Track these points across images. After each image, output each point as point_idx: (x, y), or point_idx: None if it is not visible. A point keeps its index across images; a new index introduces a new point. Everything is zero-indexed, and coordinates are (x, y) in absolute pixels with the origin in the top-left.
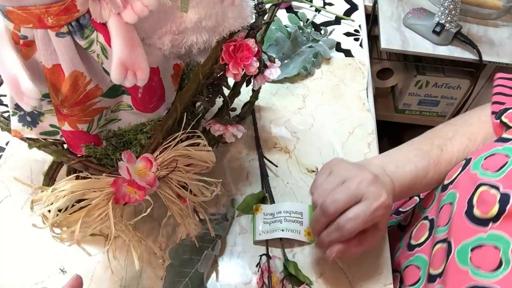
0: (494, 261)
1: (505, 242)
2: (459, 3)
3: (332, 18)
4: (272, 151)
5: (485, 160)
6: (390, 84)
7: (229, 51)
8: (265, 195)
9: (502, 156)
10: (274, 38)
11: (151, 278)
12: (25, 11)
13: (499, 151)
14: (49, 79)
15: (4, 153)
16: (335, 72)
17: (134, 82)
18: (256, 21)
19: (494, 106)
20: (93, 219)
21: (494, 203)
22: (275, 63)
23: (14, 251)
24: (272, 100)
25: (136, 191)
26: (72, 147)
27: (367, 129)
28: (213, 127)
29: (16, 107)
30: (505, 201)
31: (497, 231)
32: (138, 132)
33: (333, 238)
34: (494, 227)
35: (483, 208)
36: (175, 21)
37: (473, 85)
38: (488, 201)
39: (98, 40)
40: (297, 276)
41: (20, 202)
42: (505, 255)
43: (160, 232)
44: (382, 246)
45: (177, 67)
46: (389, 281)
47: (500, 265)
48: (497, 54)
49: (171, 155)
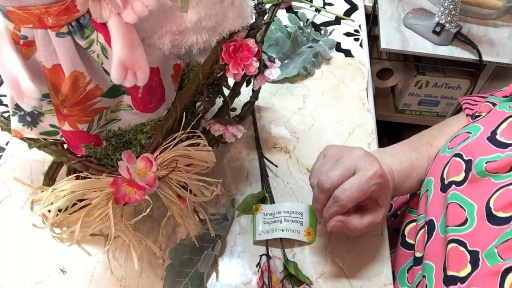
0: (460, 217)
1: (469, 204)
2: (459, 3)
3: (332, 18)
4: (272, 151)
5: (450, 142)
6: (390, 84)
7: (229, 51)
8: (265, 195)
9: (465, 134)
10: (274, 38)
11: (151, 278)
12: (25, 11)
13: (462, 131)
14: (49, 79)
15: (4, 153)
16: (335, 72)
17: (134, 82)
18: (256, 21)
19: (466, 111)
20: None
21: (461, 170)
22: (275, 63)
23: (14, 251)
24: (272, 100)
25: (136, 191)
26: (72, 147)
27: (367, 129)
28: (213, 127)
29: (16, 107)
30: (469, 168)
31: (459, 193)
32: (138, 132)
33: (332, 211)
34: (456, 189)
35: (453, 173)
36: (175, 21)
37: (473, 85)
38: (456, 169)
39: (98, 40)
40: (297, 276)
41: (20, 202)
42: (470, 215)
43: (160, 232)
44: (382, 246)
45: (177, 67)
46: (389, 281)
47: (466, 221)
48: (497, 54)
49: (171, 155)
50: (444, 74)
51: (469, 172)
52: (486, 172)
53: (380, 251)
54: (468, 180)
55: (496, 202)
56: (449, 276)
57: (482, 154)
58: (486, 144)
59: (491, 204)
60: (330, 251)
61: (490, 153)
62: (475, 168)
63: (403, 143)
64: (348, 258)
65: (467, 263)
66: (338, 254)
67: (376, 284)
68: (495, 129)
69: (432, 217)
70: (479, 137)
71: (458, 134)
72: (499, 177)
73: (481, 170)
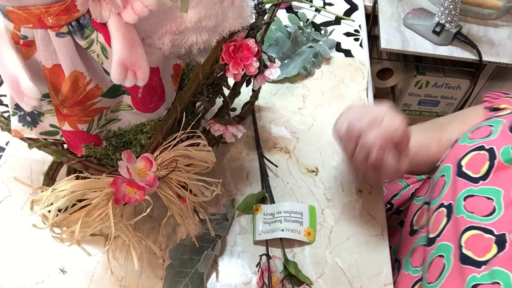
0: (488, 208)
1: (496, 192)
2: (459, 3)
3: (332, 18)
4: (272, 151)
5: (471, 133)
6: (390, 84)
7: (229, 51)
8: (265, 195)
9: (487, 127)
10: (274, 38)
11: (151, 278)
12: (25, 11)
13: (483, 125)
14: (49, 79)
15: (4, 153)
16: (335, 72)
17: (134, 82)
18: (256, 21)
19: (485, 103)
20: (93, 219)
21: (484, 161)
22: (275, 63)
23: (14, 251)
24: (272, 100)
25: (136, 191)
26: (72, 147)
27: None
28: (213, 127)
29: (16, 107)
30: (493, 156)
31: (488, 186)
32: (138, 132)
33: (364, 152)
34: (484, 183)
35: (474, 169)
36: (175, 21)
37: (473, 85)
38: (478, 162)
39: (98, 40)
40: (297, 276)
41: (20, 202)
42: (498, 203)
43: (160, 232)
44: (382, 246)
45: (177, 67)
46: (389, 281)
47: (494, 211)
48: (497, 54)
49: (171, 155)
50: (444, 74)
51: (494, 161)
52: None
53: (380, 251)
54: (494, 169)
55: None
56: (469, 256)
57: (507, 143)
58: (509, 135)
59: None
60: (330, 251)
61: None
62: (502, 156)
63: (428, 125)
64: (348, 258)
65: (491, 246)
66: (338, 254)
67: (376, 284)
68: None
69: (451, 201)
70: (502, 129)
71: (480, 127)
72: None
73: (509, 158)
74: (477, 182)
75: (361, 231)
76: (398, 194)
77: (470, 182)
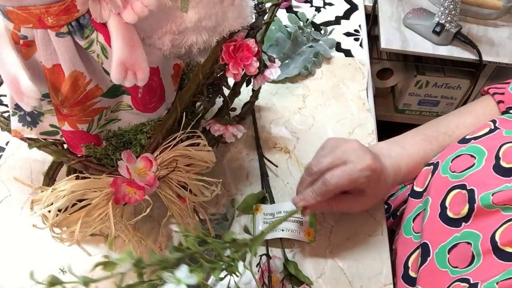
0: (467, 256)
1: (476, 236)
2: (459, 3)
3: (332, 18)
4: (272, 151)
5: (452, 163)
6: (390, 84)
7: (229, 51)
8: (265, 195)
9: (467, 157)
10: (274, 38)
11: None
12: (25, 11)
13: (464, 152)
14: (49, 79)
15: (4, 153)
16: (335, 72)
17: (134, 82)
18: (256, 21)
19: (496, 96)
20: (93, 219)
21: (464, 202)
22: (275, 63)
23: (14, 251)
24: (272, 100)
25: (135, 191)
26: (72, 147)
27: (367, 129)
28: (213, 127)
29: (16, 107)
30: (472, 198)
31: (469, 229)
32: (138, 132)
33: (319, 191)
34: (466, 226)
35: (456, 209)
36: (175, 21)
37: (473, 85)
38: (459, 202)
39: (98, 40)
40: (297, 276)
41: (20, 202)
42: (475, 249)
43: (160, 232)
44: (382, 246)
45: (177, 67)
46: (389, 281)
47: (473, 259)
48: (497, 54)
49: (171, 155)
50: (444, 74)
51: (473, 204)
52: (493, 204)
53: (380, 251)
54: (474, 213)
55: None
56: None
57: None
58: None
59: (497, 238)
60: (330, 251)
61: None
62: (481, 201)
63: (417, 131)
64: (348, 258)
65: None
66: (338, 254)
67: (376, 284)
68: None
69: (428, 242)
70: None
71: (460, 155)
72: (508, 209)
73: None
74: (459, 225)
75: (361, 231)
76: (394, 195)
77: (453, 228)
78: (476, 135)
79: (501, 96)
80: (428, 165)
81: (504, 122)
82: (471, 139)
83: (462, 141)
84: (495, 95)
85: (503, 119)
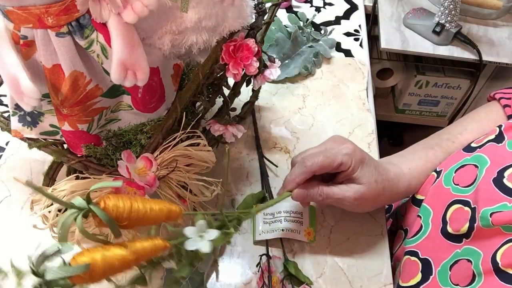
0: (468, 275)
1: (477, 254)
2: (459, 3)
3: (332, 18)
4: (272, 151)
5: (455, 173)
6: (390, 84)
7: (229, 51)
8: (265, 195)
9: (472, 168)
10: (274, 38)
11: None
12: (25, 11)
13: (468, 162)
14: (49, 79)
15: (4, 153)
16: (335, 72)
17: (134, 82)
18: (256, 21)
19: (502, 101)
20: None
21: (466, 220)
22: (275, 63)
23: (14, 251)
24: (272, 100)
25: (135, 191)
26: (72, 147)
27: (367, 129)
28: (213, 127)
29: (16, 107)
30: (473, 218)
31: (470, 246)
32: (138, 132)
33: (297, 171)
34: (467, 242)
35: (455, 225)
36: (175, 21)
37: (473, 85)
38: (460, 219)
39: (98, 40)
40: (297, 276)
41: (20, 202)
42: (476, 268)
43: (160, 232)
44: (382, 246)
45: (177, 67)
46: (389, 281)
47: (474, 278)
48: (497, 54)
49: (171, 155)
50: (444, 74)
51: (473, 223)
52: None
53: (380, 251)
54: (474, 232)
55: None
56: None
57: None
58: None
59: (498, 259)
60: (330, 251)
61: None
62: (481, 221)
63: (417, 143)
64: (348, 258)
65: None
66: (338, 254)
67: (376, 284)
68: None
69: (430, 258)
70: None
71: (464, 165)
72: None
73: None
74: (460, 241)
75: (361, 231)
76: None
77: (455, 243)
78: (481, 143)
79: (507, 100)
80: (434, 171)
81: (510, 128)
82: (476, 147)
83: (467, 150)
84: (502, 99)
85: (510, 124)
